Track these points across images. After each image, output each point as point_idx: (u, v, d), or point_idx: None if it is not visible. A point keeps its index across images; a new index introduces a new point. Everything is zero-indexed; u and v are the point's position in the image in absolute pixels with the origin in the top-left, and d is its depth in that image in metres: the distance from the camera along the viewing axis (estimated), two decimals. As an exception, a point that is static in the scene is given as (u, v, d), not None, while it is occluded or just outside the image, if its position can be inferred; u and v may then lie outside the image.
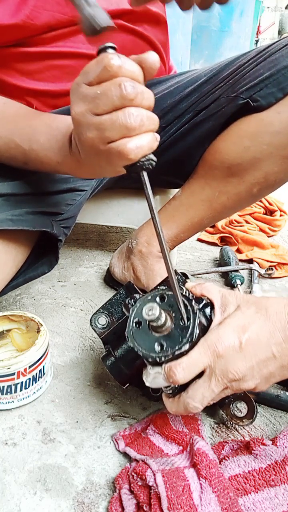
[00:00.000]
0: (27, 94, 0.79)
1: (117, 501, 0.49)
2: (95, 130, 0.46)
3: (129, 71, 0.44)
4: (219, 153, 0.78)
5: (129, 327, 0.53)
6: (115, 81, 0.44)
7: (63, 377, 0.70)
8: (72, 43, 0.75)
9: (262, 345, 0.48)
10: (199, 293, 0.55)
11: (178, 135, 0.83)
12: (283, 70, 0.70)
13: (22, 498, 0.51)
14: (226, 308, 0.53)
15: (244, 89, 0.73)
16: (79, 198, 0.78)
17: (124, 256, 0.91)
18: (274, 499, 0.48)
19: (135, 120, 0.44)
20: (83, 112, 0.47)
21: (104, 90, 0.44)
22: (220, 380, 0.48)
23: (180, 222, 0.84)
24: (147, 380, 0.51)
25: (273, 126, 0.71)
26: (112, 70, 0.43)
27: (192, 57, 2.63)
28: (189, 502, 0.45)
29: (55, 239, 0.72)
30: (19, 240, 0.70)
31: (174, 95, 0.83)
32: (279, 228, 1.29)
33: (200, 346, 0.49)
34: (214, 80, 0.79)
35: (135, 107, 0.45)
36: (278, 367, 0.49)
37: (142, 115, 0.45)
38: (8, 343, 0.69)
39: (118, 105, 0.44)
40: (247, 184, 0.78)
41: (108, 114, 0.45)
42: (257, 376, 0.49)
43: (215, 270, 1.02)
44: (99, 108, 0.45)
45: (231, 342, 0.48)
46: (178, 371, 0.48)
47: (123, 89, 0.43)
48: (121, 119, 0.44)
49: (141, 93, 0.44)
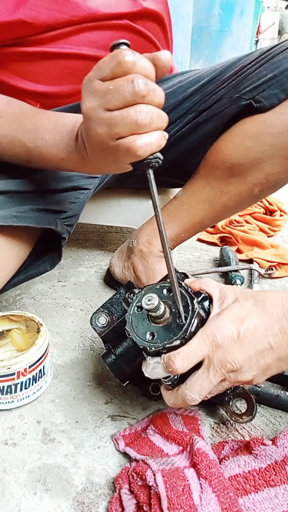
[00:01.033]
0: (26, 95, 0.79)
1: (117, 501, 0.49)
2: (105, 126, 0.46)
3: (143, 67, 0.44)
4: (221, 154, 0.78)
5: (130, 311, 0.55)
6: (128, 77, 0.44)
7: (63, 377, 0.70)
8: (72, 43, 0.75)
9: (260, 336, 0.49)
10: (197, 288, 0.56)
11: (180, 135, 0.83)
12: (286, 72, 0.70)
13: (22, 498, 0.51)
14: (224, 300, 0.54)
15: (247, 90, 0.73)
16: (82, 196, 0.78)
17: (124, 255, 0.91)
18: (274, 499, 0.48)
19: (145, 117, 0.44)
20: (94, 107, 0.47)
21: (116, 86, 0.44)
22: (218, 370, 0.49)
23: (181, 222, 0.84)
24: (146, 371, 0.52)
25: (276, 127, 0.71)
26: (126, 66, 0.44)
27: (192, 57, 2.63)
28: (189, 502, 0.45)
29: (59, 237, 0.72)
30: (22, 237, 0.70)
31: (177, 95, 0.83)
32: (279, 228, 1.29)
33: (199, 336, 0.50)
34: (217, 81, 0.79)
35: (146, 104, 0.45)
36: (275, 358, 0.49)
37: (153, 113, 0.45)
38: (8, 343, 0.69)
39: (130, 101, 0.44)
40: (248, 185, 0.78)
41: (119, 110, 0.45)
42: (255, 367, 0.49)
43: (215, 270, 1.02)
44: (111, 103, 0.45)
45: (229, 332, 0.49)
46: (177, 360, 0.48)
47: (136, 86, 0.43)
48: (132, 116, 0.44)
49: (153, 90, 0.45)
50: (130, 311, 0.55)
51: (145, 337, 0.52)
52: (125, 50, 0.44)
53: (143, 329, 0.53)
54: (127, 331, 0.53)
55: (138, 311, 0.55)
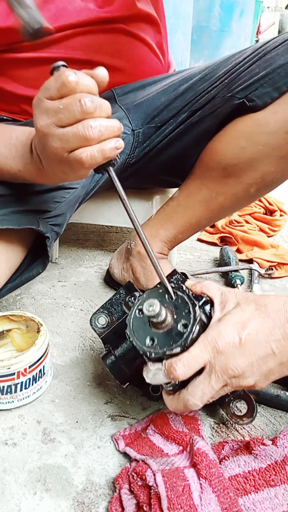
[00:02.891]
0: (23, 101, 0.79)
1: (117, 501, 0.49)
2: (59, 141, 0.52)
3: (86, 85, 0.50)
4: (215, 154, 0.77)
5: (131, 314, 0.55)
6: (75, 97, 0.49)
7: (63, 377, 0.70)
8: (66, 48, 0.75)
9: (262, 341, 0.49)
10: (198, 291, 0.56)
11: (174, 135, 0.83)
12: (279, 69, 0.69)
13: (22, 498, 0.51)
14: (225, 305, 0.54)
15: (240, 88, 0.73)
16: (68, 195, 0.77)
17: (123, 257, 0.91)
18: (274, 499, 0.48)
19: (94, 131, 0.50)
20: (47, 124, 0.52)
21: (66, 106, 0.50)
22: (220, 377, 0.49)
23: (178, 223, 0.83)
24: (147, 377, 0.52)
25: (269, 126, 0.71)
26: (71, 86, 0.49)
27: (192, 57, 2.62)
28: (189, 502, 0.45)
29: (45, 237, 0.72)
30: (11, 242, 0.70)
31: (169, 93, 0.82)
32: (279, 228, 1.29)
33: (201, 342, 0.49)
34: (209, 79, 0.79)
35: (94, 119, 0.50)
36: (277, 364, 0.49)
37: (101, 126, 0.50)
38: (8, 343, 0.69)
39: (79, 118, 0.50)
40: (244, 185, 0.77)
41: (70, 126, 0.50)
42: (257, 372, 0.49)
43: (215, 270, 1.02)
44: (63, 121, 0.50)
45: (231, 338, 0.49)
46: (178, 367, 0.48)
47: (83, 105, 0.49)
48: (81, 132, 0.50)
49: (99, 105, 0.50)
50: (131, 315, 0.55)
51: (145, 342, 0.51)
52: (67, 71, 0.49)
53: (144, 334, 0.52)
54: (128, 335, 0.53)
55: (139, 314, 0.54)
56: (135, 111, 0.84)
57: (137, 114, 0.84)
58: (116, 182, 0.54)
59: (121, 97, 0.86)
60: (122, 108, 0.85)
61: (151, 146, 0.85)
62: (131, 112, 0.84)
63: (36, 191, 0.73)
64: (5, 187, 0.68)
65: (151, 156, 0.87)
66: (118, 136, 0.52)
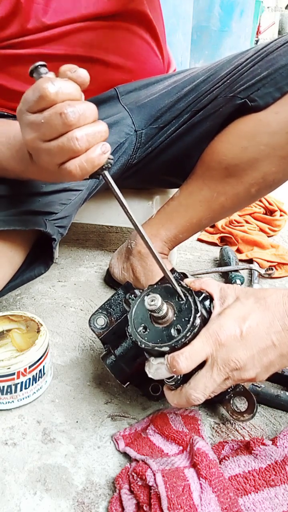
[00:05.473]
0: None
1: (117, 501, 0.49)
2: (47, 156, 0.50)
3: (67, 94, 0.46)
4: (216, 154, 0.77)
5: (132, 311, 0.55)
6: (56, 109, 0.46)
7: (63, 377, 0.70)
8: (65, 44, 0.75)
9: (262, 333, 0.49)
10: (198, 287, 0.57)
11: (176, 135, 0.83)
12: (281, 70, 0.70)
13: (22, 498, 0.51)
14: (225, 300, 0.54)
15: (242, 89, 0.73)
16: (74, 197, 0.77)
17: (123, 257, 0.91)
18: (274, 499, 0.48)
19: (80, 143, 0.47)
20: (33, 139, 0.50)
21: (47, 120, 0.47)
22: (222, 369, 0.49)
23: (179, 223, 0.83)
24: (149, 372, 0.52)
25: (271, 126, 0.71)
26: (50, 98, 0.46)
27: (192, 57, 2.62)
28: (189, 502, 0.45)
29: (51, 238, 0.72)
30: (15, 241, 0.70)
31: (172, 95, 0.83)
32: (279, 228, 1.29)
33: (202, 336, 0.50)
34: (211, 80, 0.79)
35: (79, 128, 0.47)
36: (277, 355, 0.50)
37: (87, 135, 0.48)
38: (8, 343, 0.69)
39: (63, 131, 0.47)
40: (245, 185, 0.77)
41: (55, 140, 0.48)
42: (258, 365, 0.50)
43: (215, 270, 1.02)
44: (46, 136, 0.48)
45: (232, 331, 0.49)
46: (181, 360, 0.49)
47: (64, 118, 0.46)
48: (66, 145, 0.47)
49: (82, 114, 0.47)
50: (132, 311, 0.55)
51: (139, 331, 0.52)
52: (45, 81, 0.46)
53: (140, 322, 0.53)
54: (128, 332, 0.53)
55: (140, 311, 0.55)
56: (138, 112, 0.84)
57: (140, 115, 0.84)
58: (113, 186, 0.52)
59: (124, 96, 0.86)
60: (125, 108, 0.85)
61: (153, 147, 0.85)
62: (135, 113, 0.84)
63: (41, 192, 0.73)
64: (12, 187, 0.68)
65: (152, 156, 0.87)
66: (105, 139, 0.50)
